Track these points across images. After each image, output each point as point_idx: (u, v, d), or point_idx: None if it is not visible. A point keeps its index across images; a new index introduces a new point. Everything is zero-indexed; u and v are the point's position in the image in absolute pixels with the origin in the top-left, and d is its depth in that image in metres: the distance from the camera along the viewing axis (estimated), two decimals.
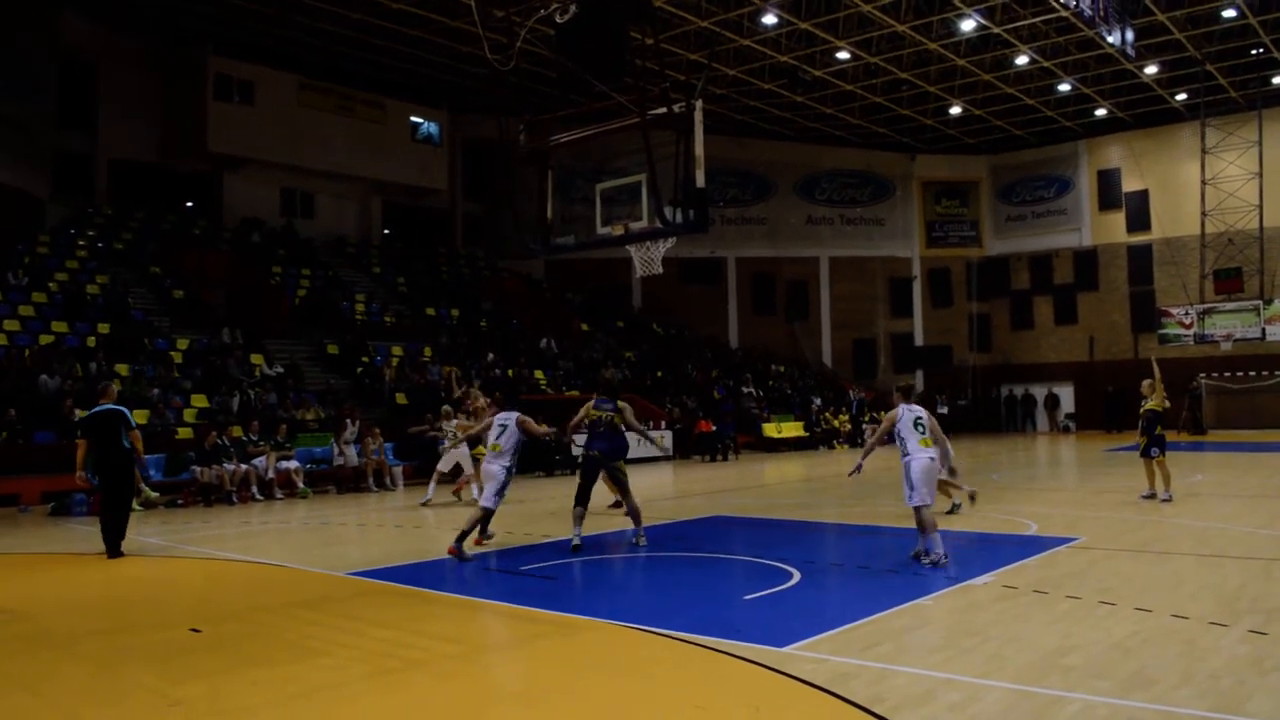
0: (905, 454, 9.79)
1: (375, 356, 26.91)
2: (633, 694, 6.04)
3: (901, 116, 38.36)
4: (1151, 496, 14.93)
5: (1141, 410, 15.31)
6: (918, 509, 9.66)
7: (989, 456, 26.80)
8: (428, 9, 27.32)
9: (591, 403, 11.94)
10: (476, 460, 17.21)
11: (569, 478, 18.83)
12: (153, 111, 30.26)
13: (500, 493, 11.37)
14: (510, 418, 11.62)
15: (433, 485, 17.42)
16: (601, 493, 13.43)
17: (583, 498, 11.52)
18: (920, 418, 9.87)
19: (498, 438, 11.52)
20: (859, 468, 10.40)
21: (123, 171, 30.07)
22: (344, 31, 29.42)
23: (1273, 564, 9.53)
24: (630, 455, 12.83)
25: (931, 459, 9.76)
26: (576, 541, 11.22)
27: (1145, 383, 15.46)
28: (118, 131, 29.56)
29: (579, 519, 11.41)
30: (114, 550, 11.65)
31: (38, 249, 25.95)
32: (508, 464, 11.39)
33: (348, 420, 21.01)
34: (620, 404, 11.87)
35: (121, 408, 12.00)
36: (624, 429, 12.05)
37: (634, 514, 11.86)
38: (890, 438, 10.09)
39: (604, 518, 14.01)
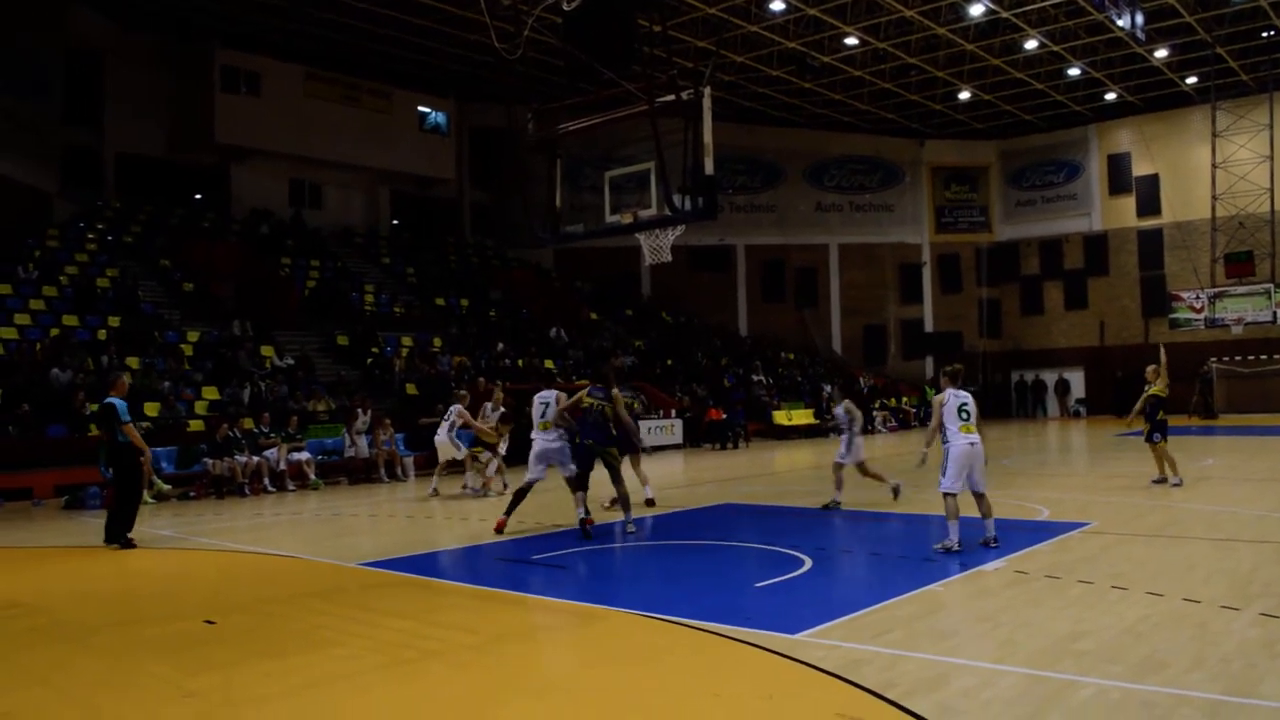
0: (945, 440, 9.88)
1: (385, 347, 26.96)
2: (647, 682, 6.05)
3: (910, 102, 38.23)
4: (1162, 481, 14.89)
5: (1144, 395, 15.26)
6: (944, 495, 9.74)
7: (1000, 442, 26.73)
8: None
9: (586, 390, 12.06)
10: (474, 457, 17.36)
11: None
12: (160, 104, 30.32)
13: (570, 461, 12.07)
14: (550, 395, 12.25)
15: (436, 477, 17.50)
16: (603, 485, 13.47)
17: (581, 483, 11.74)
18: (965, 404, 9.90)
19: (542, 415, 12.09)
20: (924, 457, 10.38)
21: (130, 165, 30.14)
22: (350, 21, 29.41)
23: None
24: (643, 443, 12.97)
25: (971, 444, 9.75)
26: (582, 514, 11.44)
27: (1150, 368, 15.41)
28: (125, 125, 29.61)
29: (581, 501, 11.64)
30: (110, 537, 11.70)
31: (47, 243, 26.05)
32: (563, 436, 12.15)
33: (359, 410, 21.03)
34: (614, 393, 11.94)
35: (113, 400, 11.91)
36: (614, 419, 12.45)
37: (623, 501, 12.03)
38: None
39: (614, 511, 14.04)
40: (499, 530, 11.93)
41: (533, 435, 12.35)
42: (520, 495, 12.15)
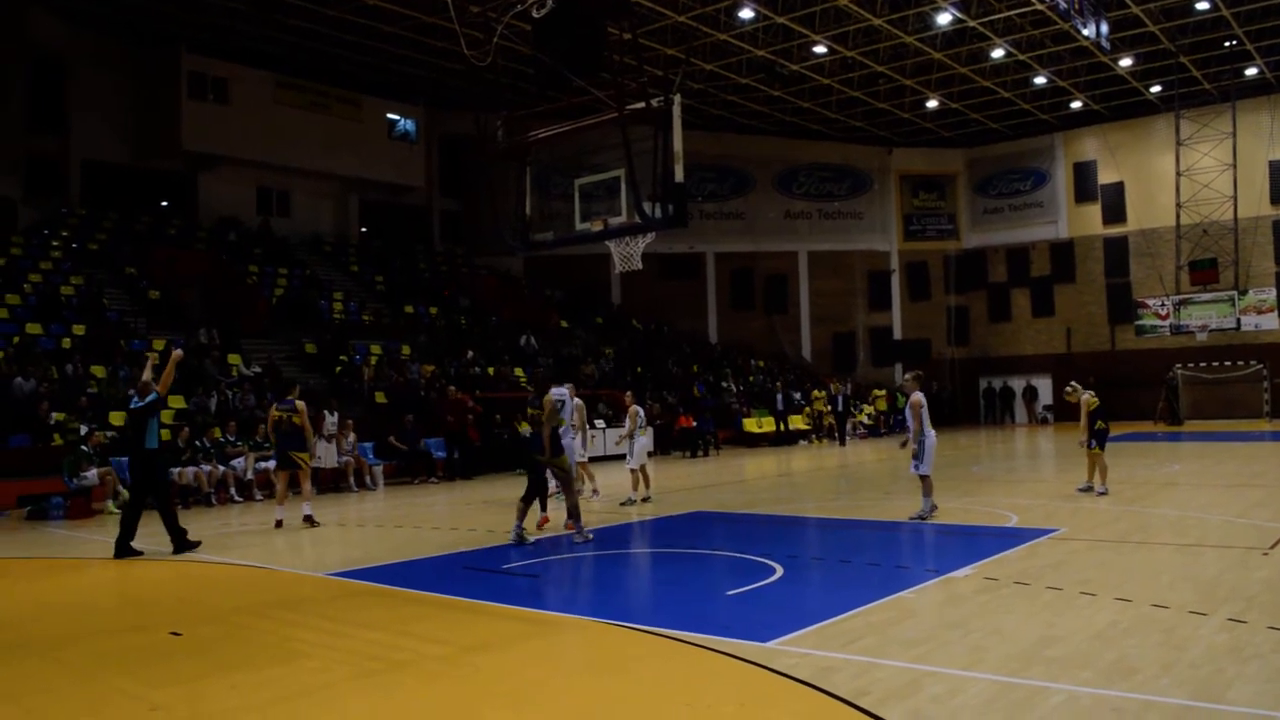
0: (923, 435, 12.54)
1: (354, 355, 26.77)
2: (619, 691, 6.04)
3: (879, 110, 38.43)
4: (1089, 489, 14.87)
5: (1083, 413, 15.13)
6: (922, 476, 12.56)
7: (968, 449, 26.92)
8: (404, 5, 27.15)
9: (275, 405, 12.47)
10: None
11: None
12: (126, 111, 29.96)
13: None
14: (564, 391, 13.02)
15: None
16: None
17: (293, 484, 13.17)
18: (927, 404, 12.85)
19: (560, 411, 12.58)
20: (905, 444, 13.10)
21: (96, 172, 29.74)
22: (319, 29, 29.21)
23: (1250, 552, 9.61)
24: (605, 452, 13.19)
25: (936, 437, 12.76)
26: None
27: (1067, 390, 15.41)
28: (90, 132, 29.24)
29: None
30: (121, 551, 11.59)
31: (11, 250, 25.68)
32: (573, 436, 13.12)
33: (326, 412, 20.59)
34: (297, 403, 12.84)
35: (152, 398, 11.95)
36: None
37: (308, 518, 12.53)
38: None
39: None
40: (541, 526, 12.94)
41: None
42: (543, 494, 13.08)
